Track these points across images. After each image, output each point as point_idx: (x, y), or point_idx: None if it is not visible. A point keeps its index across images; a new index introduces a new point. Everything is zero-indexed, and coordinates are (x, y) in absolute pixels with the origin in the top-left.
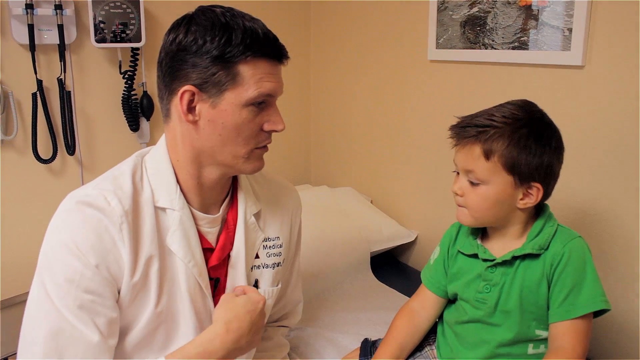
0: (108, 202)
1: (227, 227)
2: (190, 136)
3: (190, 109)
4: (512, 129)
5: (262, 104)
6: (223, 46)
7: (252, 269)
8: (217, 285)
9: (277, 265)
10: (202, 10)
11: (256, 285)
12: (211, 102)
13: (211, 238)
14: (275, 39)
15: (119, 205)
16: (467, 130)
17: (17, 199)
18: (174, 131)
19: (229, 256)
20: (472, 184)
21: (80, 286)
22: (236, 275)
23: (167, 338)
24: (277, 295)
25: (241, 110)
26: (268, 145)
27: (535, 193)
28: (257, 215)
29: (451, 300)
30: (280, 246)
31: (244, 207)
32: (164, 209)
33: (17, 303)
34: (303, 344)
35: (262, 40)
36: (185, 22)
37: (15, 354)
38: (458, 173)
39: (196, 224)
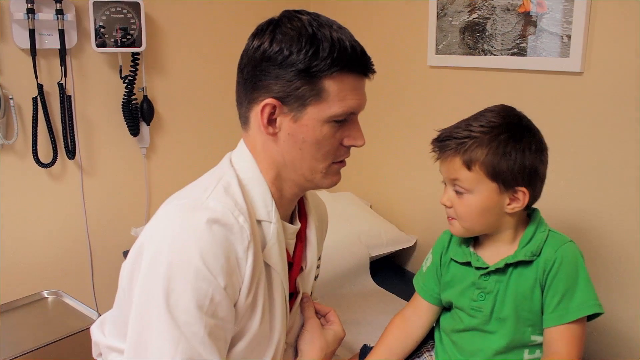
0: (236, 219)
1: (301, 240)
2: (270, 148)
3: (271, 120)
4: (490, 137)
5: (344, 120)
6: (309, 60)
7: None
8: (291, 299)
9: (316, 278)
10: (288, 17)
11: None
12: (292, 116)
13: (290, 250)
14: (363, 52)
15: (247, 223)
16: (446, 144)
17: (17, 203)
18: (254, 141)
19: (300, 269)
20: (458, 193)
21: (209, 312)
22: (306, 289)
23: (262, 354)
24: None
25: (322, 125)
26: (346, 160)
27: (522, 197)
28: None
29: (446, 308)
30: (319, 258)
31: (313, 220)
32: (261, 222)
33: (16, 307)
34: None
35: (350, 54)
36: (270, 29)
37: (16, 357)
38: (445, 184)
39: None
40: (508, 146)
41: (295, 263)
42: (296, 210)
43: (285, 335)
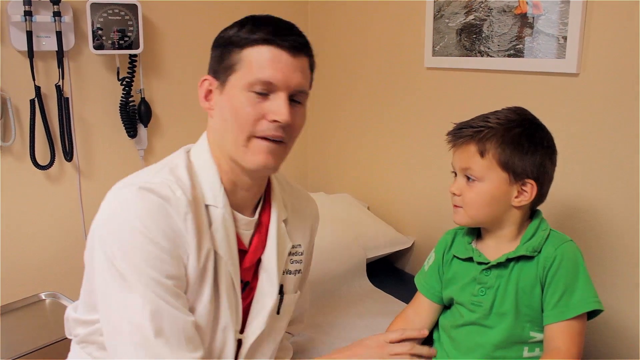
0: (173, 192)
1: (260, 231)
2: (212, 127)
3: (208, 97)
4: (505, 129)
5: (265, 94)
6: (236, 34)
7: (283, 273)
8: (245, 289)
9: (298, 273)
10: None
11: (281, 291)
12: (221, 88)
13: (245, 240)
14: (289, 30)
15: (184, 196)
16: (462, 131)
17: (14, 205)
18: (208, 125)
19: (259, 260)
20: (469, 180)
21: (162, 271)
22: (268, 279)
23: (202, 335)
24: (296, 302)
25: (240, 93)
26: (285, 144)
27: (530, 190)
28: (285, 222)
29: (447, 306)
30: (302, 254)
31: (277, 212)
32: (207, 207)
33: (14, 309)
34: (300, 349)
35: (273, 28)
36: None
37: (14, 359)
38: (456, 174)
39: (235, 225)
40: (522, 138)
41: (249, 253)
42: (260, 204)
43: (236, 324)
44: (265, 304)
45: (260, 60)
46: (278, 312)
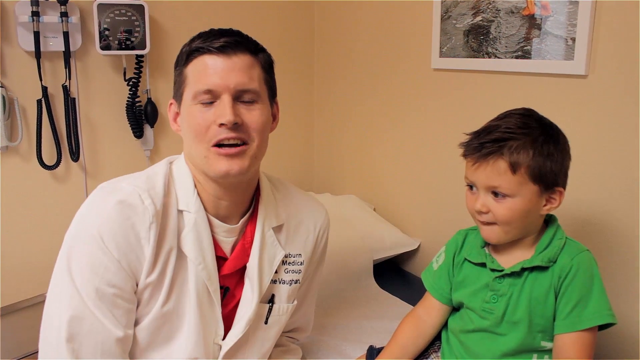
0: (142, 201)
1: (245, 239)
2: (184, 147)
3: (177, 121)
4: (532, 139)
5: (210, 102)
6: (179, 54)
7: (274, 282)
8: (226, 294)
9: (295, 283)
10: None
11: (272, 300)
12: (180, 107)
13: (226, 247)
14: (221, 34)
15: (152, 205)
16: (486, 146)
17: (21, 205)
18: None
19: (245, 268)
20: (496, 196)
21: (104, 279)
22: (250, 287)
23: (168, 337)
24: (291, 312)
25: (190, 108)
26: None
27: (558, 197)
28: (277, 229)
29: (456, 308)
30: (301, 264)
31: (263, 221)
32: (182, 212)
33: (18, 309)
34: (306, 351)
35: (204, 38)
36: None
37: (17, 359)
38: (471, 187)
39: (213, 231)
40: (550, 147)
41: (229, 260)
42: (248, 212)
43: (217, 329)
44: (246, 312)
45: (198, 71)
46: (266, 322)
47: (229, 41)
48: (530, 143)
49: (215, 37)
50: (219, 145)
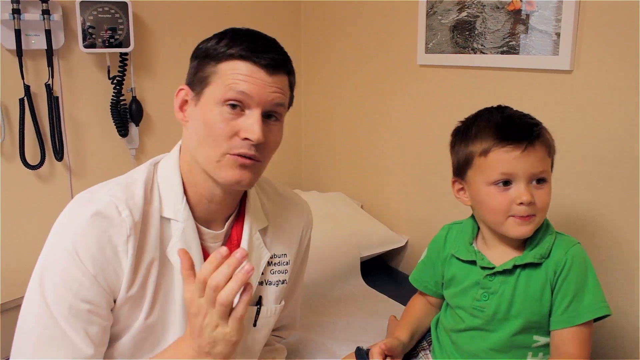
0: (119, 212)
1: (231, 243)
2: (185, 138)
3: (183, 108)
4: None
5: (238, 107)
6: (213, 46)
7: (260, 283)
8: None
9: (282, 283)
10: None
11: (259, 302)
12: (196, 99)
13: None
14: (268, 47)
15: (130, 217)
16: (534, 130)
17: (5, 205)
18: (183, 137)
19: None
20: (539, 182)
21: (78, 295)
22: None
23: (153, 348)
24: (279, 313)
25: (214, 107)
26: (258, 160)
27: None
28: (263, 232)
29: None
30: (287, 264)
31: (250, 224)
32: (168, 220)
33: (12, 307)
34: (294, 350)
35: (251, 44)
36: None
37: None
38: (505, 183)
39: (201, 238)
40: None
41: None
42: (233, 216)
43: None
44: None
45: (236, 74)
46: (255, 324)
47: (278, 59)
48: (542, 125)
49: (262, 48)
50: (236, 154)
